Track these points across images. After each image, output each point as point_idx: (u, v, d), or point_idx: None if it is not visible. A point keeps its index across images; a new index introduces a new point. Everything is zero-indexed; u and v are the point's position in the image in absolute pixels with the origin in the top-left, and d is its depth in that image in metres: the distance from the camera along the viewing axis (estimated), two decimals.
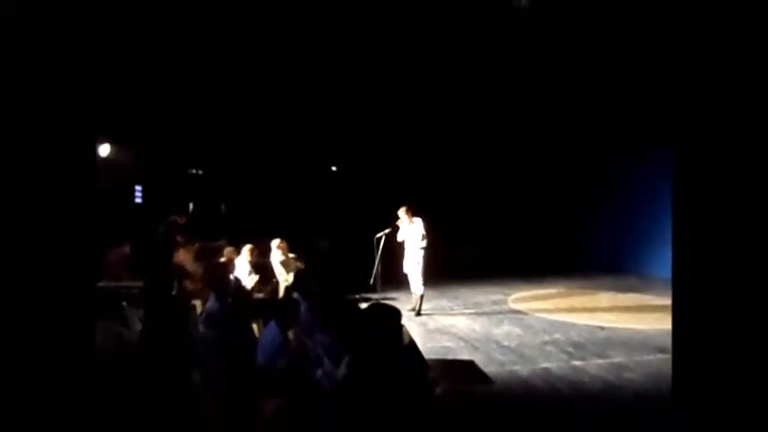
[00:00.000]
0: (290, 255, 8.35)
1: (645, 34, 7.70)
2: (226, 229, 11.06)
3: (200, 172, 14.70)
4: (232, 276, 6.08)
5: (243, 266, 7.64)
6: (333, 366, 3.55)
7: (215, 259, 6.65)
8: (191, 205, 13.84)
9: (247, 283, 7.29)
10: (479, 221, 14.45)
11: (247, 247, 7.85)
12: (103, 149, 10.65)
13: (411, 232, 9.08)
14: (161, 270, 5.83)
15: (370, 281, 9.92)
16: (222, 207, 14.88)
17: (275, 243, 8.27)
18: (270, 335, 4.06)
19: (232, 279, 5.69)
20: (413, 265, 9.07)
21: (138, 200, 12.63)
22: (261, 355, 3.97)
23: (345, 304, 5.80)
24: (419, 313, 9.01)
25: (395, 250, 9.50)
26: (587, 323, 8.35)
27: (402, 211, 9.15)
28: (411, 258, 9.10)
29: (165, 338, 4.21)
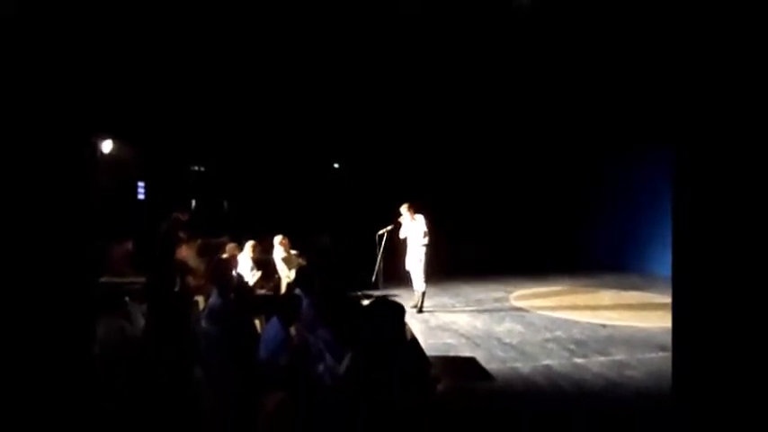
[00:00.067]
0: (292, 251, 8.37)
1: (645, 35, 7.68)
2: (228, 226, 11.10)
3: (202, 169, 14.73)
4: (234, 272, 6.12)
5: (245, 263, 7.67)
6: (335, 362, 3.58)
7: (217, 255, 6.69)
8: (193, 202, 13.87)
9: (250, 280, 7.33)
10: (480, 221, 14.44)
11: (250, 244, 7.88)
12: (107, 146, 10.70)
13: (413, 229, 9.08)
14: (164, 266, 5.86)
15: (373, 278, 9.95)
16: (224, 204, 14.92)
17: (277, 239, 8.30)
18: (272, 331, 4.08)
19: (234, 275, 5.72)
20: (415, 262, 9.07)
21: (141, 196, 12.69)
22: (263, 351, 3.99)
23: (347, 301, 5.82)
24: (421, 310, 9.02)
25: (397, 247, 9.51)
26: (589, 321, 8.35)
27: (404, 208, 9.16)
28: (413, 255, 9.10)
29: (167, 334, 4.24)
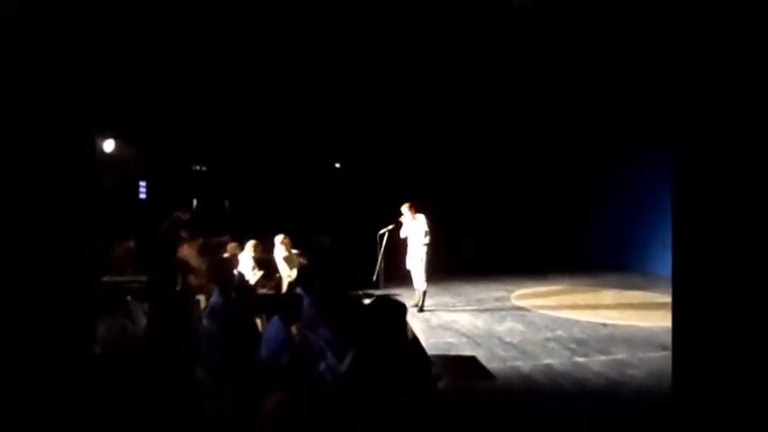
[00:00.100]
0: (294, 250, 8.38)
1: (645, 35, 7.68)
2: (229, 225, 11.12)
3: (203, 168, 14.74)
4: (236, 272, 6.13)
5: (246, 262, 7.69)
6: (336, 360, 3.58)
7: (219, 255, 6.70)
8: (194, 201, 13.89)
9: (251, 279, 7.35)
10: (481, 220, 14.44)
11: (251, 243, 7.89)
12: (108, 145, 10.72)
13: (414, 228, 9.09)
14: (165, 265, 5.86)
15: (374, 277, 9.96)
16: (226, 203, 14.93)
17: (278, 239, 8.31)
18: (273, 330, 4.09)
19: (236, 274, 5.73)
20: (416, 261, 9.07)
21: (143, 195, 12.70)
22: (264, 350, 4.00)
23: (348, 300, 5.84)
24: (422, 309, 9.03)
25: (398, 247, 9.52)
26: (590, 320, 8.34)
27: (405, 208, 9.17)
28: (414, 255, 9.11)
29: (168, 333, 4.25)
